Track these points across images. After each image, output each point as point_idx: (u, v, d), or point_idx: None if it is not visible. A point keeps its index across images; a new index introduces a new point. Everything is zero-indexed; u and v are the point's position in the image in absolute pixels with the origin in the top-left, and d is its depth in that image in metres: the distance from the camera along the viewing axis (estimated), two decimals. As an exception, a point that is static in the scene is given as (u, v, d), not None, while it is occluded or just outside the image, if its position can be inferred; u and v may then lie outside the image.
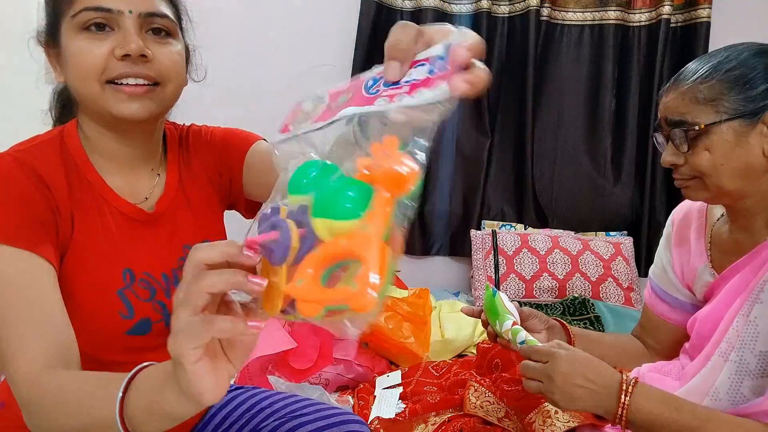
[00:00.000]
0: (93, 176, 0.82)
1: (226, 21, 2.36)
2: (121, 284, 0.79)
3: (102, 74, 0.75)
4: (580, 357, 0.90)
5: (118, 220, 0.82)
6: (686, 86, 0.93)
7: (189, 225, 0.90)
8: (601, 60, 2.49)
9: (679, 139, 0.93)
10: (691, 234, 1.08)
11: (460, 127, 2.51)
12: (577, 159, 2.54)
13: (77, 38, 0.76)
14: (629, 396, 0.86)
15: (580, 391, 0.88)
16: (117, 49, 0.75)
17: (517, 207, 2.58)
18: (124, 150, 0.84)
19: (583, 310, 2.01)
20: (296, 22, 2.43)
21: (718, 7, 2.43)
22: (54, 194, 0.76)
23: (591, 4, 2.49)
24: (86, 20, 0.75)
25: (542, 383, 0.91)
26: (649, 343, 1.18)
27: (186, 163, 0.94)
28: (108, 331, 0.78)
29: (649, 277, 1.18)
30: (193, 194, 0.92)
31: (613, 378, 0.88)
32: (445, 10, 2.46)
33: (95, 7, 0.74)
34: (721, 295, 0.96)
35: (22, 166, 0.74)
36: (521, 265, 2.27)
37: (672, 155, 0.96)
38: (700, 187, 0.95)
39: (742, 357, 0.86)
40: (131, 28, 0.76)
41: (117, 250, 0.80)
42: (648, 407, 0.86)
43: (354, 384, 1.53)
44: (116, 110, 0.76)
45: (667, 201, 2.55)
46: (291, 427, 0.94)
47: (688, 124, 0.92)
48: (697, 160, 0.92)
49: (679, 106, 0.94)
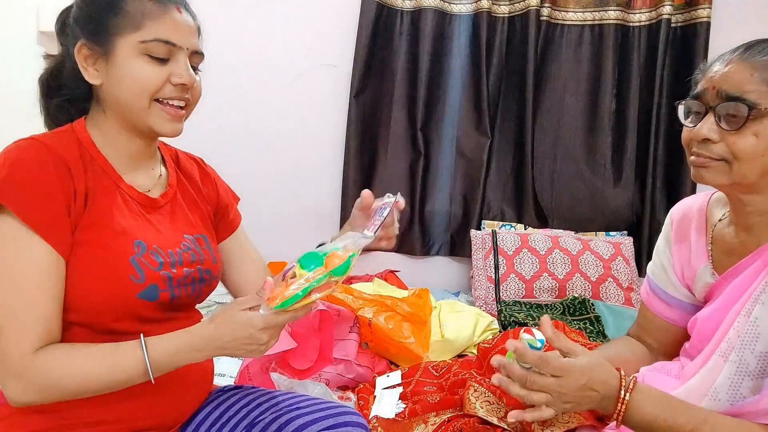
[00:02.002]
0: (105, 165, 0.91)
1: (226, 21, 2.36)
2: (133, 252, 0.87)
3: (155, 93, 0.88)
4: (593, 364, 0.89)
5: (128, 203, 0.92)
6: (758, 62, 0.85)
7: (186, 218, 1.01)
8: (601, 60, 2.49)
9: (729, 115, 0.85)
10: (691, 233, 1.07)
11: (460, 127, 2.51)
12: (577, 159, 2.54)
13: (139, 59, 0.87)
14: (629, 393, 0.87)
15: (587, 399, 0.87)
16: (175, 77, 0.88)
17: (517, 207, 2.58)
18: (135, 148, 0.94)
19: (583, 310, 2.01)
20: (296, 22, 2.43)
21: (718, 7, 2.43)
22: (74, 177, 0.84)
23: (591, 4, 2.49)
24: (156, 49, 0.87)
25: (551, 396, 0.87)
26: (648, 342, 1.17)
27: (180, 167, 1.07)
28: (120, 293, 0.85)
29: (647, 276, 1.17)
30: (187, 194, 1.04)
31: (617, 382, 0.89)
32: (445, 10, 2.46)
33: (167, 40, 0.87)
34: (722, 296, 0.96)
35: (50, 151, 0.83)
36: (521, 265, 2.27)
37: (710, 129, 0.88)
38: (723, 170, 0.89)
39: (742, 357, 0.86)
40: (185, 62, 0.90)
41: (129, 225, 0.89)
42: (645, 408, 0.86)
43: (354, 384, 1.53)
44: (158, 127, 0.90)
45: (667, 201, 2.55)
46: (287, 419, 0.95)
47: (748, 102, 0.84)
48: (740, 143, 0.85)
49: (742, 81, 0.85)
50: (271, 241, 2.41)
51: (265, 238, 2.39)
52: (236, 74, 2.35)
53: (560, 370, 0.88)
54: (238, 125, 2.39)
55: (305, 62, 2.45)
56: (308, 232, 2.54)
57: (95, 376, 0.80)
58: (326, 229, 2.53)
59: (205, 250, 1.00)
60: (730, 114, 0.86)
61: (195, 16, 0.95)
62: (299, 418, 0.95)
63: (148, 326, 0.88)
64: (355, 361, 1.52)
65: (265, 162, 2.46)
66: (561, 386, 0.87)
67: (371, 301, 1.77)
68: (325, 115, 2.49)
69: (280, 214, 2.50)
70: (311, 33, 2.45)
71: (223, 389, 1.09)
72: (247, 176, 2.19)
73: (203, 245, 1.00)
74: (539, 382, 0.88)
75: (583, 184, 2.54)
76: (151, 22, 0.87)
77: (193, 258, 0.96)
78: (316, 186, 2.54)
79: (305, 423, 0.94)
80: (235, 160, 2.32)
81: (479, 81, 2.47)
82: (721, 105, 0.87)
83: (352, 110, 2.42)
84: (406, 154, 2.51)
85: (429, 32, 2.43)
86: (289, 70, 2.44)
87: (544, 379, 0.88)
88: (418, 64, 2.45)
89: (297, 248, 0.91)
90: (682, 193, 2.46)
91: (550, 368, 0.88)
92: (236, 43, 2.36)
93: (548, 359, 0.88)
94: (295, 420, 0.95)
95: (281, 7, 2.42)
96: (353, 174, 2.45)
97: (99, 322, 0.85)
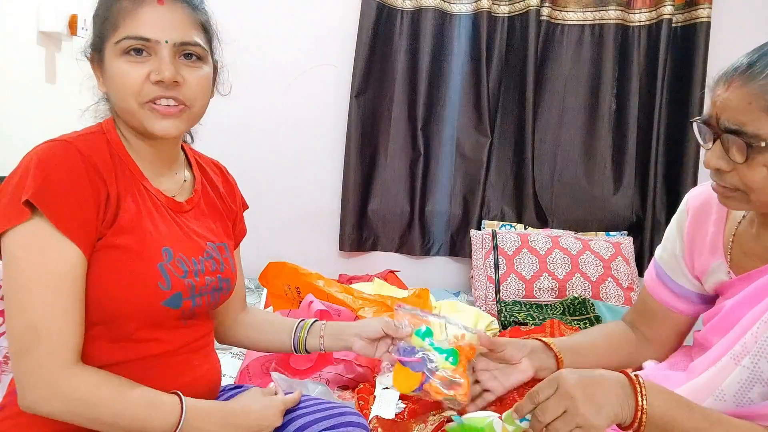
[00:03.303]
0: (133, 167, 0.90)
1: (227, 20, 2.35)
2: (161, 259, 0.86)
3: (139, 96, 0.84)
4: (579, 369, 0.82)
5: (157, 207, 0.90)
6: (757, 88, 0.77)
7: (209, 226, 1.00)
8: (601, 60, 2.49)
9: (736, 147, 0.80)
10: (709, 226, 1.00)
11: (460, 127, 2.52)
12: (577, 159, 2.54)
13: (119, 61, 0.84)
14: (644, 398, 0.78)
15: (600, 393, 0.78)
16: (152, 74, 0.84)
17: (517, 207, 2.58)
18: (154, 153, 0.93)
19: (583, 310, 2.01)
20: (297, 22, 2.43)
21: (718, 7, 2.43)
22: (105, 181, 0.83)
23: (591, 4, 2.49)
24: (127, 46, 0.84)
25: (566, 412, 0.77)
26: (643, 331, 1.12)
27: (204, 174, 1.05)
28: (146, 299, 0.84)
29: (654, 261, 1.10)
30: (210, 201, 1.03)
31: (620, 375, 0.82)
32: (445, 10, 2.46)
33: (136, 36, 0.83)
34: (742, 297, 0.92)
35: (83, 156, 0.81)
36: (521, 265, 2.27)
37: (719, 159, 0.83)
38: (744, 200, 0.85)
39: (757, 364, 0.83)
40: (166, 57, 0.84)
41: (157, 230, 0.88)
42: (662, 408, 0.79)
43: (354, 384, 1.53)
44: (150, 127, 0.86)
45: (667, 201, 2.55)
46: (288, 419, 0.95)
47: (748, 135, 0.78)
48: (751, 176, 0.80)
49: (741, 111, 0.78)
50: (271, 241, 2.42)
51: (265, 238, 2.41)
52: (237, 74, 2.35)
53: (549, 384, 0.80)
54: (238, 125, 2.39)
55: (306, 62, 2.45)
56: (308, 232, 2.54)
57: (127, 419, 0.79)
58: (326, 229, 2.54)
59: (225, 259, 0.99)
60: (736, 146, 0.80)
61: (196, 6, 0.91)
62: (299, 418, 0.95)
63: (163, 332, 0.88)
64: (355, 361, 1.51)
65: (265, 162, 2.46)
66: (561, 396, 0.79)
67: (371, 301, 1.77)
68: (325, 115, 2.49)
69: (280, 214, 2.50)
70: (312, 33, 2.45)
71: (224, 389, 1.08)
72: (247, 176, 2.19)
73: (224, 254, 0.99)
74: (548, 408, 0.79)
75: (583, 183, 2.54)
76: (126, 20, 0.84)
77: (214, 267, 0.95)
78: (316, 186, 2.54)
79: (305, 423, 0.94)
80: (236, 160, 2.30)
81: (479, 81, 2.47)
82: (724, 137, 0.82)
83: (353, 110, 2.42)
84: (406, 154, 2.51)
85: (429, 32, 2.43)
86: (289, 70, 2.44)
87: (547, 404, 0.79)
88: (418, 64, 2.45)
89: (297, 248, 0.91)
90: (682, 192, 2.45)
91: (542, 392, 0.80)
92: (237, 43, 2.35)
93: (534, 390, 0.81)
94: (296, 420, 0.95)
95: (282, 7, 2.42)
96: (353, 174, 2.45)
97: (119, 327, 0.84)
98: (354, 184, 2.45)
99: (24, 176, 0.78)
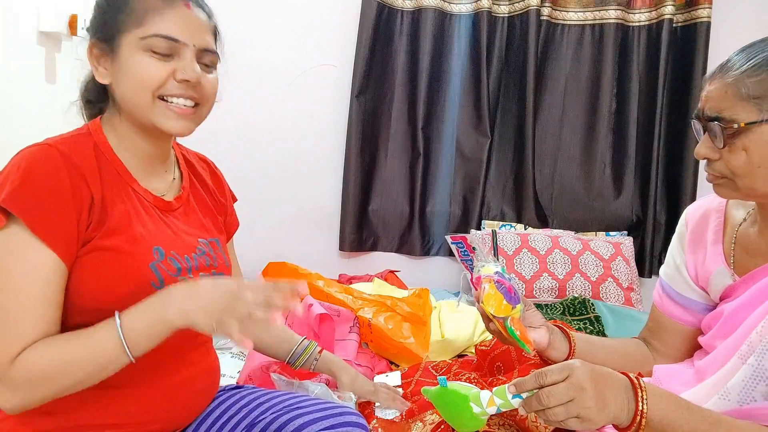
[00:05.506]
0: (120, 168, 0.90)
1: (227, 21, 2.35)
2: (152, 258, 0.87)
3: (157, 90, 0.86)
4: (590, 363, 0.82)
5: (145, 207, 0.91)
6: (731, 78, 0.85)
7: (199, 222, 1.01)
8: (602, 60, 2.49)
9: (717, 134, 0.86)
10: (708, 236, 1.04)
11: (460, 127, 2.52)
12: (577, 159, 2.54)
13: (142, 55, 0.86)
14: (645, 402, 0.79)
15: (608, 392, 0.78)
16: (179, 73, 0.87)
17: (517, 207, 2.58)
18: (149, 150, 0.94)
19: (583, 310, 2.01)
20: (297, 22, 2.43)
21: (718, 7, 2.43)
22: (89, 184, 0.83)
23: (591, 4, 2.49)
24: (156, 44, 0.85)
25: (572, 401, 0.77)
26: (655, 345, 1.14)
27: (192, 170, 1.06)
28: (139, 298, 0.83)
29: (660, 278, 1.14)
30: (199, 197, 1.04)
31: (622, 377, 0.82)
32: (445, 10, 2.46)
33: (166, 36, 0.86)
34: (745, 297, 0.93)
35: (65, 159, 0.82)
36: (521, 265, 2.27)
37: (707, 148, 0.89)
38: (732, 187, 0.89)
39: (761, 362, 0.83)
40: (191, 59, 0.88)
41: (147, 231, 0.89)
42: (662, 411, 0.80)
43: (354, 384, 1.53)
44: (163, 125, 0.88)
45: (667, 201, 2.55)
46: (287, 419, 0.95)
47: (725, 120, 0.85)
48: (733, 160, 0.86)
49: (719, 99, 0.86)
50: (271, 241, 2.42)
51: (265, 238, 2.41)
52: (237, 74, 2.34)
53: (562, 370, 0.80)
54: (238, 125, 2.39)
55: (306, 62, 2.45)
56: (308, 232, 2.54)
57: (77, 363, 0.77)
58: (326, 229, 2.54)
59: (218, 254, 1.00)
60: (717, 133, 0.87)
61: (211, 14, 0.94)
62: (299, 418, 0.95)
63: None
64: (355, 361, 1.51)
65: (265, 162, 2.46)
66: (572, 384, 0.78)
67: (371, 302, 1.77)
68: (325, 115, 2.49)
69: (280, 214, 2.50)
70: (312, 33, 2.45)
71: (224, 389, 1.09)
72: (247, 176, 2.20)
73: (216, 249, 1.00)
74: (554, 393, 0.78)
75: (583, 183, 2.54)
76: (154, 17, 0.86)
77: (207, 263, 0.96)
78: (316, 186, 2.54)
79: (305, 423, 0.94)
80: (236, 160, 2.32)
81: (479, 81, 2.47)
82: (708, 125, 0.88)
83: (353, 110, 2.42)
84: (406, 154, 2.51)
85: (429, 32, 2.43)
86: (289, 70, 2.44)
87: (555, 388, 0.79)
88: (418, 64, 2.45)
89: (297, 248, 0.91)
90: (682, 192, 2.47)
91: (553, 376, 0.80)
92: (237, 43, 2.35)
93: (542, 371, 0.81)
94: (295, 420, 0.95)
95: (282, 7, 2.42)
96: (353, 174, 2.45)
97: None
98: (354, 184, 2.45)
99: (4, 181, 0.79)
